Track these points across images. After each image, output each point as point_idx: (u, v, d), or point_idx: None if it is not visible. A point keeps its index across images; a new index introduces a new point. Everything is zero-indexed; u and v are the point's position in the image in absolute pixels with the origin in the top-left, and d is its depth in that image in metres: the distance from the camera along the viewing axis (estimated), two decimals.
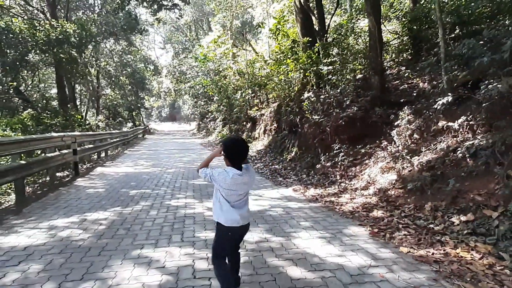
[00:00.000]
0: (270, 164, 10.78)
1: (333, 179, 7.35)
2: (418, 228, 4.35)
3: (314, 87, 12.08)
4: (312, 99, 10.99)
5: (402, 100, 7.39)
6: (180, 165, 11.42)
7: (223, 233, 2.65)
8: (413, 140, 6.54)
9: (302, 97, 12.08)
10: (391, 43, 12.10)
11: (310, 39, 10.65)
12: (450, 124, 5.73)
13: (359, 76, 10.37)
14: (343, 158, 7.74)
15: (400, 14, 12.22)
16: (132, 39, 26.11)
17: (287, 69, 11.92)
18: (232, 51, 22.97)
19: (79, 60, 16.31)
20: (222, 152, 2.61)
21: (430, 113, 6.35)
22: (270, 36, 12.35)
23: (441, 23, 6.14)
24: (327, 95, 9.75)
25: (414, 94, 7.59)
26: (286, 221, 4.86)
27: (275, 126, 14.03)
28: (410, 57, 11.23)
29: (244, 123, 19.13)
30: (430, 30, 10.79)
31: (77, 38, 14.81)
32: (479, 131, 5.21)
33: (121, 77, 31.90)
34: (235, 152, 2.59)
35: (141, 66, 32.76)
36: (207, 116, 32.99)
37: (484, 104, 5.10)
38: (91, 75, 25.38)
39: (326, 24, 11.81)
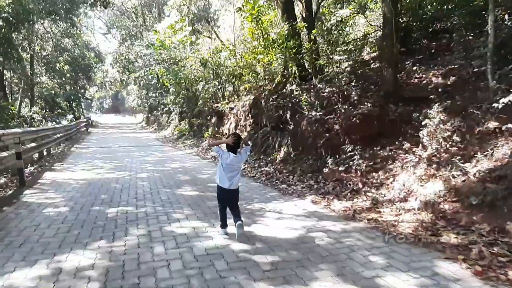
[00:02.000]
0: (257, 166, 9.43)
1: (354, 187, 6.24)
2: None
3: (298, 80, 10.97)
4: (298, 92, 9.87)
5: (432, 96, 6.47)
6: (151, 168, 9.61)
7: (217, 190, 4.28)
8: (451, 143, 5.63)
9: (285, 90, 10.91)
10: (372, 35, 11.37)
11: (306, 24, 9.37)
12: (510, 126, 4.86)
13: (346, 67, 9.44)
14: (359, 161, 6.67)
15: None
16: (74, 20, 22.77)
17: (273, 58, 10.61)
18: (191, 39, 20.96)
19: (13, 41, 13.40)
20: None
21: (478, 112, 5.47)
22: (252, 20, 10.89)
23: (492, 7, 5.24)
24: (324, 89, 8.65)
25: (439, 90, 6.72)
26: (348, 256, 3.60)
27: (250, 122, 12.66)
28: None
29: (209, 117, 17.45)
30: (416, 23, 10.20)
31: (12, 14, 12.03)
32: None
33: (60, 64, 28.12)
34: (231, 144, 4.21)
35: (84, 52, 29.10)
36: (158, 108, 30.46)
37: None
38: (23, 60, 21.75)
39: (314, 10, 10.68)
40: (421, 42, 9.66)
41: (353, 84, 8.26)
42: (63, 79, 30.19)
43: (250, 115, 12.70)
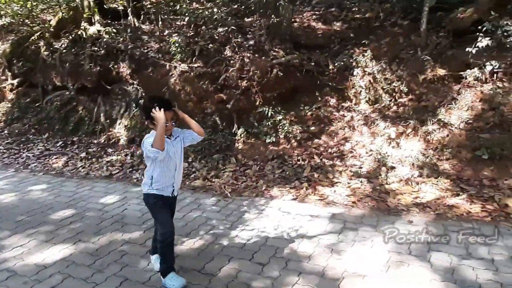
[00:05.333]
0: (92, 157, 5.57)
1: (311, 163, 4.52)
2: None
3: (99, 18, 7.25)
4: (113, 35, 6.58)
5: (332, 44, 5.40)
6: None
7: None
8: (399, 94, 4.97)
9: (82, 32, 6.94)
10: None
11: None
12: (473, 71, 4.59)
13: None
14: (289, 128, 4.92)
15: None
16: None
17: None
18: None
19: None
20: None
21: (424, 57, 4.91)
22: None
23: None
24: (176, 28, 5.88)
25: (334, 37, 5.78)
26: None
27: (13, 84, 7.45)
28: None
29: None
30: None
31: None
32: None
33: None
34: None
35: None
36: None
37: None
38: None
39: None
40: None
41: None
42: None
43: (10, 73, 7.43)
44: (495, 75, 4.56)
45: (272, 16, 5.55)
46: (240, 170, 4.61)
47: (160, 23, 6.52)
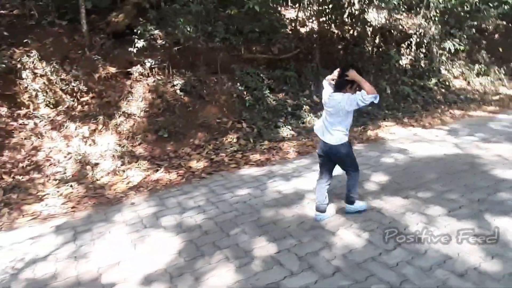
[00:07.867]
0: None
1: (10, 182, 3.74)
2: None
3: None
4: None
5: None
6: None
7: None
8: (80, 93, 4.95)
9: None
10: None
11: None
12: (137, 67, 5.28)
13: None
14: None
15: None
16: None
17: None
18: None
19: None
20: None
21: (94, 57, 5.05)
22: None
23: None
24: None
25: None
26: None
27: None
28: None
29: None
30: None
31: None
32: (174, 72, 5.64)
33: None
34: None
35: None
36: None
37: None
38: None
39: None
40: None
41: None
42: None
43: None
44: (153, 70, 5.60)
45: None
46: None
47: None
